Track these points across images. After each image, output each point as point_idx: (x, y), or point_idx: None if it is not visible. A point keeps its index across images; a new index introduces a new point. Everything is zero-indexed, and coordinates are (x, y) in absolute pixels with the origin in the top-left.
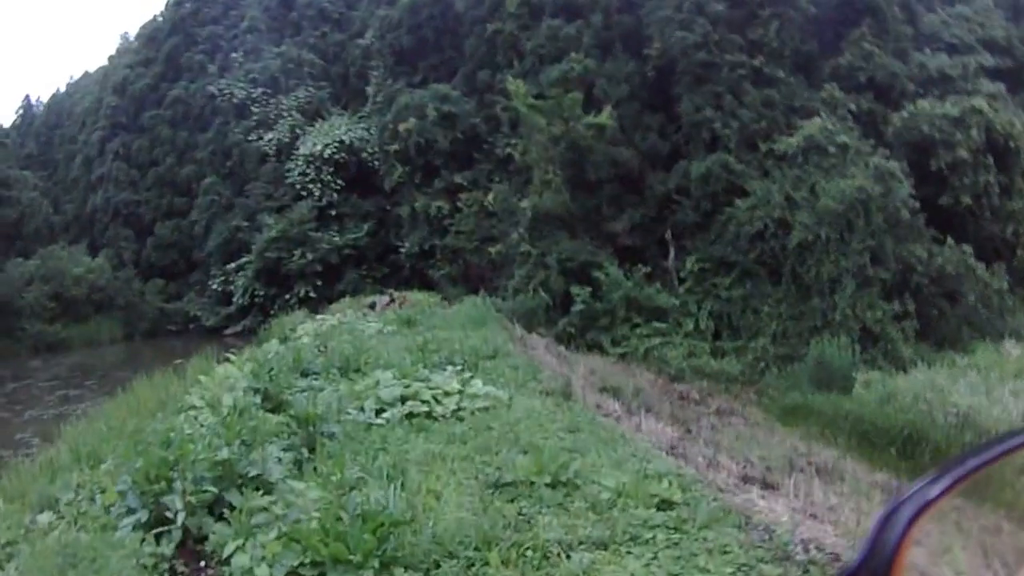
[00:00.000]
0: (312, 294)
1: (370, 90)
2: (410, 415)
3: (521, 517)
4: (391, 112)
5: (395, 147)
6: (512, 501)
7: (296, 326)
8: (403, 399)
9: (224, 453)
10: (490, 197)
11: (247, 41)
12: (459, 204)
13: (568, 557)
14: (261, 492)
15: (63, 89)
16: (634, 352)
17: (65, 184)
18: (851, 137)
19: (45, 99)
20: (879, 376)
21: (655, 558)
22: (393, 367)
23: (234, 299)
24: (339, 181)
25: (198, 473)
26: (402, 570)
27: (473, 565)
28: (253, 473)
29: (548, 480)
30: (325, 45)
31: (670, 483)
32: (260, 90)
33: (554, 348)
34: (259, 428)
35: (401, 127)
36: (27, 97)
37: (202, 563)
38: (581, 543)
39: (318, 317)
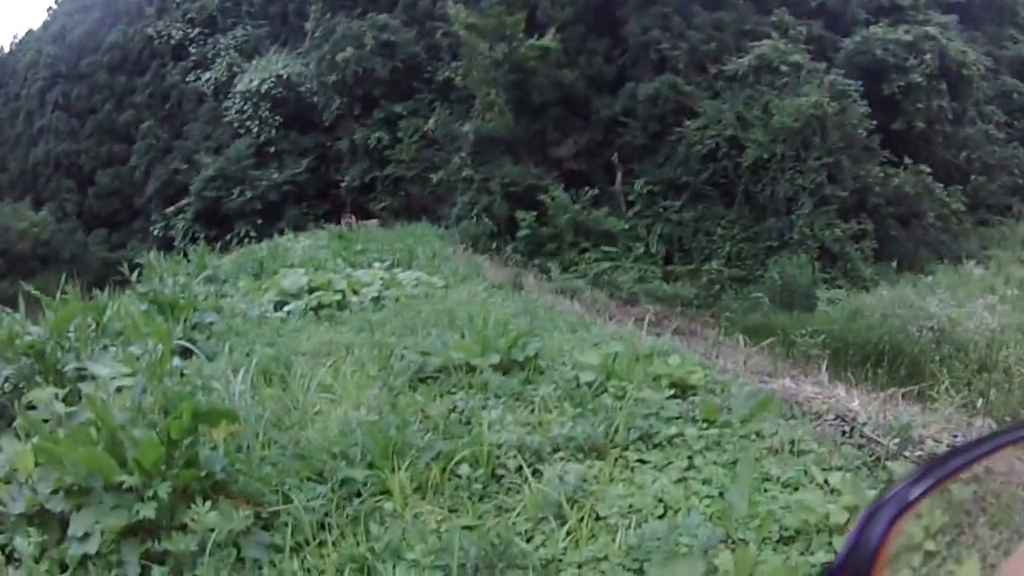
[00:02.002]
0: (253, 233)
1: (309, 26)
2: (318, 307)
3: (455, 415)
4: (329, 43)
5: (333, 78)
6: (442, 396)
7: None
8: (311, 290)
9: (32, 335)
10: (431, 123)
11: None
12: (399, 134)
13: (536, 473)
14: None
15: (7, 49)
16: (583, 276)
17: (10, 142)
18: (804, 57)
19: None
20: (843, 294)
21: (690, 467)
22: (307, 265)
23: (175, 243)
24: (277, 118)
25: None
26: (202, 505)
27: (356, 495)
28: (73, 366)
29: (496, 361)
30: None
31: (681, 360)
32: (197, 30)
33: (500, 267)
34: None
35: (339, 57)
36: None
37: None
38: (557, 449)
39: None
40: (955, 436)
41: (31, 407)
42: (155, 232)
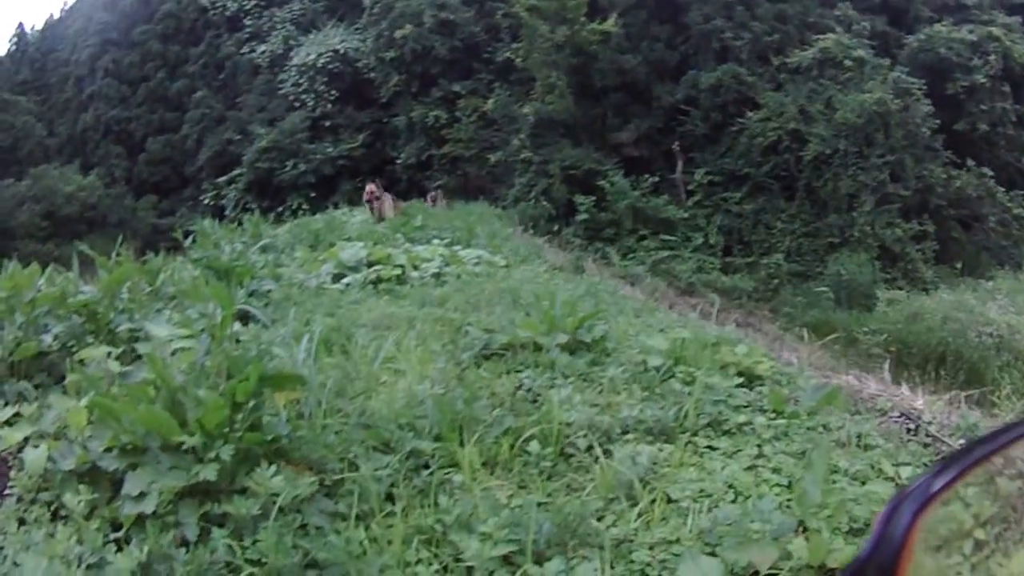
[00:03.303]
0: (305, 206)
1: (366, 1)
2: (377, 280)
3: (522, 392)
4: (387, 20)
5: (391, 55)
6: (508, 373)
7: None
8: (370, 263)
9: (87, 294)
10: (490, 103)
11: None
12: (457, 113)
13: (607, 453)
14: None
15: (56, 15)
16: (642, 264)
17: (58, 106)
18: (867, 53)
19: (40, 27)
20: (903, 295)
21: (760, 455)
22: (365, 239)
23: (226, 212)
24: (333, 92)
25: (37, 315)
26: (268, 468)
27: (424, 466)
28: (126, 327)
29: (564, 340)
30: None
31: (749, 349)
32: (253, 3)
33: (559, 250)
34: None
35: (397, 34)
36: (21, 25)
37: None
38: (626, 431)
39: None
40: None
41: (82, 365)
42: (205, 201)
